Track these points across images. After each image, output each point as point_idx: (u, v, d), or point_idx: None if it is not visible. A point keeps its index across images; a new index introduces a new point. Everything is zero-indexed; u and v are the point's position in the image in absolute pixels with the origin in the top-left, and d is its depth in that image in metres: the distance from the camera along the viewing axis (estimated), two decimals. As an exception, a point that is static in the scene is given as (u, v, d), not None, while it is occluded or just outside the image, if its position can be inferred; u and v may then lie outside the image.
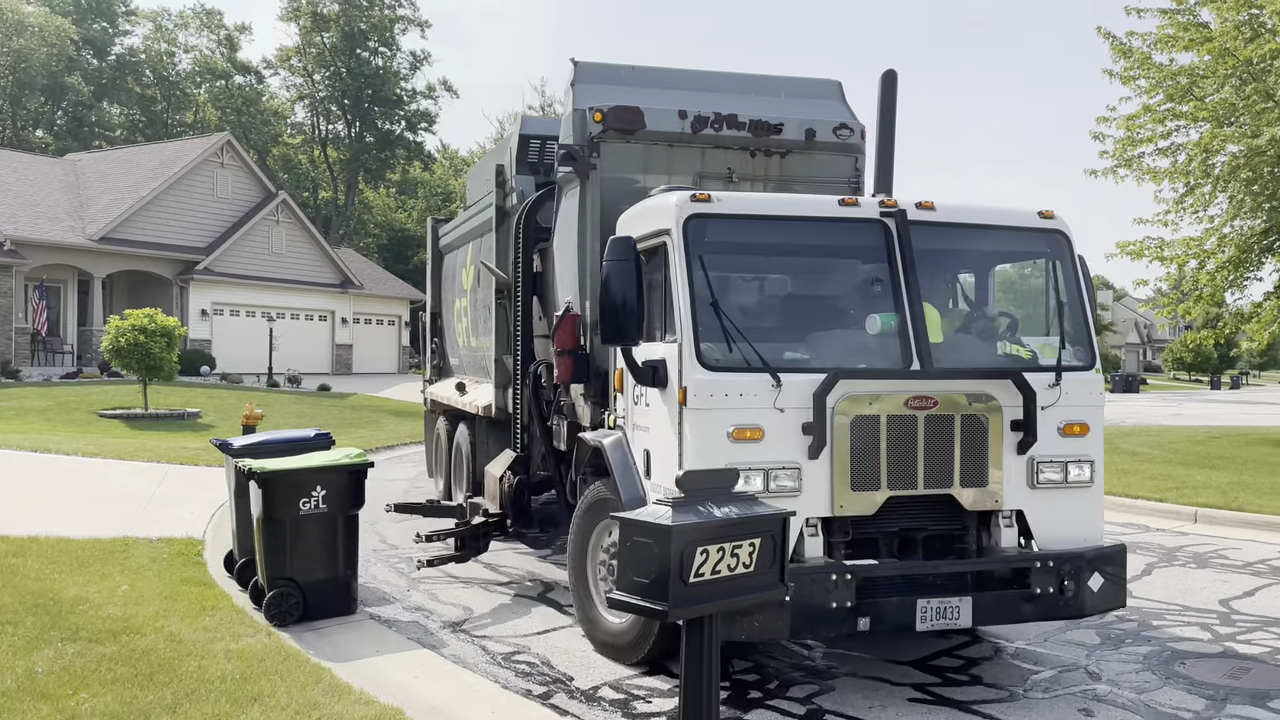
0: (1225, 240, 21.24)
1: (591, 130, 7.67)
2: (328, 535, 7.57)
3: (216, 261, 38.32)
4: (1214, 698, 6.09)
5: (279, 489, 7.37)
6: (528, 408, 9.09)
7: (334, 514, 7.58)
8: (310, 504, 7.44)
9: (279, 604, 7.28)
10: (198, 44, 70.26)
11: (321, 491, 7.50)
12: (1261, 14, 19.57)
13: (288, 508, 7.37)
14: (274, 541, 7.38)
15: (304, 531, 7.45)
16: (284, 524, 7.38)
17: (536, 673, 6.51)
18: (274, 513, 7.35)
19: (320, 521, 7.52)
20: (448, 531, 9.24)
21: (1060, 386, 6.22)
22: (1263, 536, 11.53)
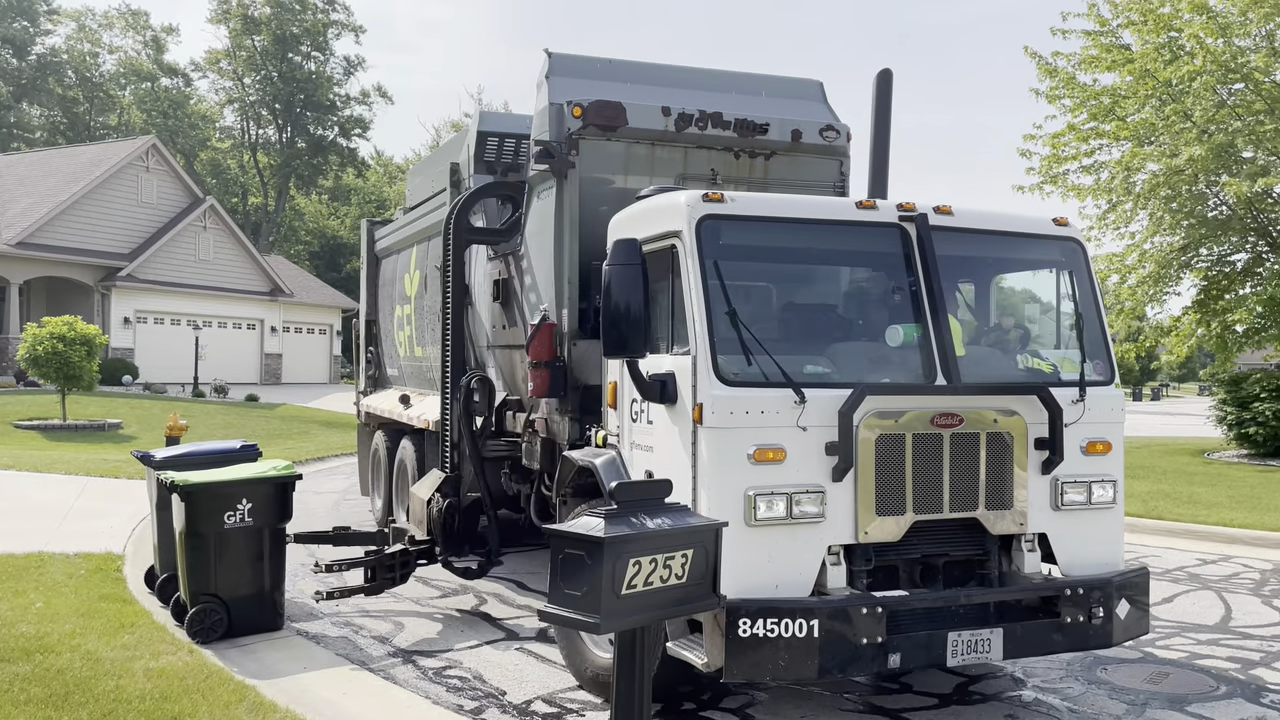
0: (1145, 256, 21.89)
1: (570, 126, 7.20)
2: (253, 550, 7.35)
3: (140, 268, 37.27)
4: (1134, 702, 6.21)
5: (202, 502, 7.14)
6: (458, 424, 8.46)
7: (260, 528, 7.35)
8: (235, 517, 7.22)
9: (202, 620, 7.05)
10: (123, 45, 68.51)
11: (247, 504, 7.27)
12: (1180, 37, 20.24)
13: (211, 521, 7.15)
14: (197, 556, 7.15)
15: (228, 546, 7.23)
16: (208, 538, 7.16)
17: (468, 688, 6.41)
18: (197, 526, 7.12)
19: (246, 535, 7.30)
20: (352, 561, 8.28)
21: (1084, 403, 5.90)
22: (1181, 544, 11.84)
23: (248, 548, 7.33)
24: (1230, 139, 19.04)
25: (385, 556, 8.17)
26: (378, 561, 8.11)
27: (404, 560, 8.28)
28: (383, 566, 8.10)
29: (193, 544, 7.16)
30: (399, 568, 8.22)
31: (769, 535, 5.25)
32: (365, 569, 8.13)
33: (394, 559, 8.21)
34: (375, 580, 8.06)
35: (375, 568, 8.07)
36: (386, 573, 8.13)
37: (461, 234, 8.49)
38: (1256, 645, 7.50)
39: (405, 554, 8.28)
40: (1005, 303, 6.85)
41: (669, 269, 5.75)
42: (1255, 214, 20.97)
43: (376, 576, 8.06)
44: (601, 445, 6.49)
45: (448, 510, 8.38)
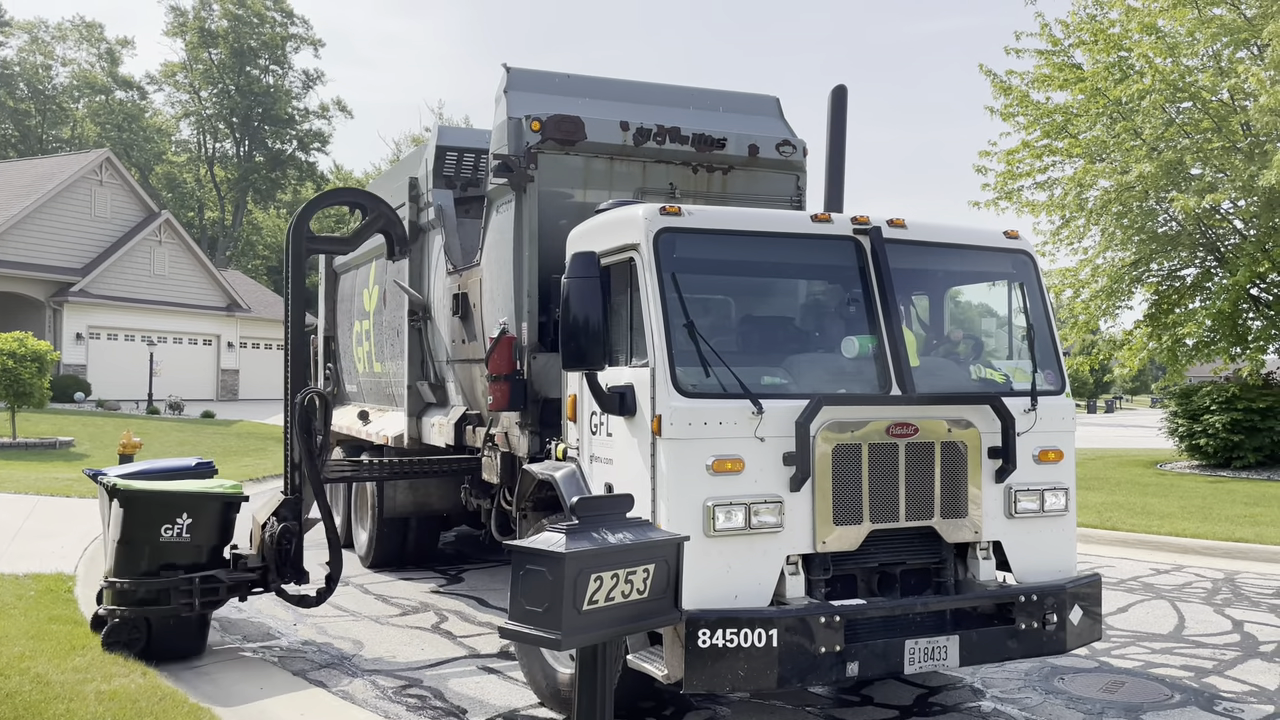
0: (1098, 271, 22.28)
1: (528, 140, 7.23)
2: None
3: (93, 283, 36.70)
4: (1091, 711, 6.28)
5: (141, 510, 6.92)
6: (296, 442, 7.87)
7: (198, 545, 7.13)
8: (173, 531, 7.01)
9: (117, 635, 6.82)
10: (76, 57, 67.63)
11: (187, 519, 7.04)
12: (1130, 57, 20.68)
13: (148, 531, 6.95)
14: (127, 565, 6.93)
15: (161, 560, 6.99)
16: (141, 548, 6.94)
17: (429, 706, 6.34)
18: (132, 534, 6.91)
19: (181, 551, 7.06)
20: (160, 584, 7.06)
21: (1036, 412, 6.01)
22: (1135, 554, 12.03)
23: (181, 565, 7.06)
24: (1179, 156, 19.46)
25: (184, 580, 7.10)
26: (172, 586, 7.05)
27: (236, 584, 7.43)
28: (179, 591, 7.10)
29: (124, 552, 6.94)
30: (212, 594, 7.25)
31: (728, 545, 5.27)
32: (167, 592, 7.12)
33: (211, 582, 7.22)
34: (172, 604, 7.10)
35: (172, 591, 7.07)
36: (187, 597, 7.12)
37: (302, 243, 8.40)
38: (1209, 654, 7.62)
39: (211, 580, 7.22)
40: (958, 314, 6.95)
41: (627, 282, 5.78)
42: (1204, 230, 21.42)
43: (172, 600, 7.07)
44: (561, 458, 6.48)
45: (282, 534, 7.67)
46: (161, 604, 7.00)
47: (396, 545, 10.51)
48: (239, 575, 7.45)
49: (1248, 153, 18.88)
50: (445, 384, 9.23)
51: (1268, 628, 8.40)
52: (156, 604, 6.97)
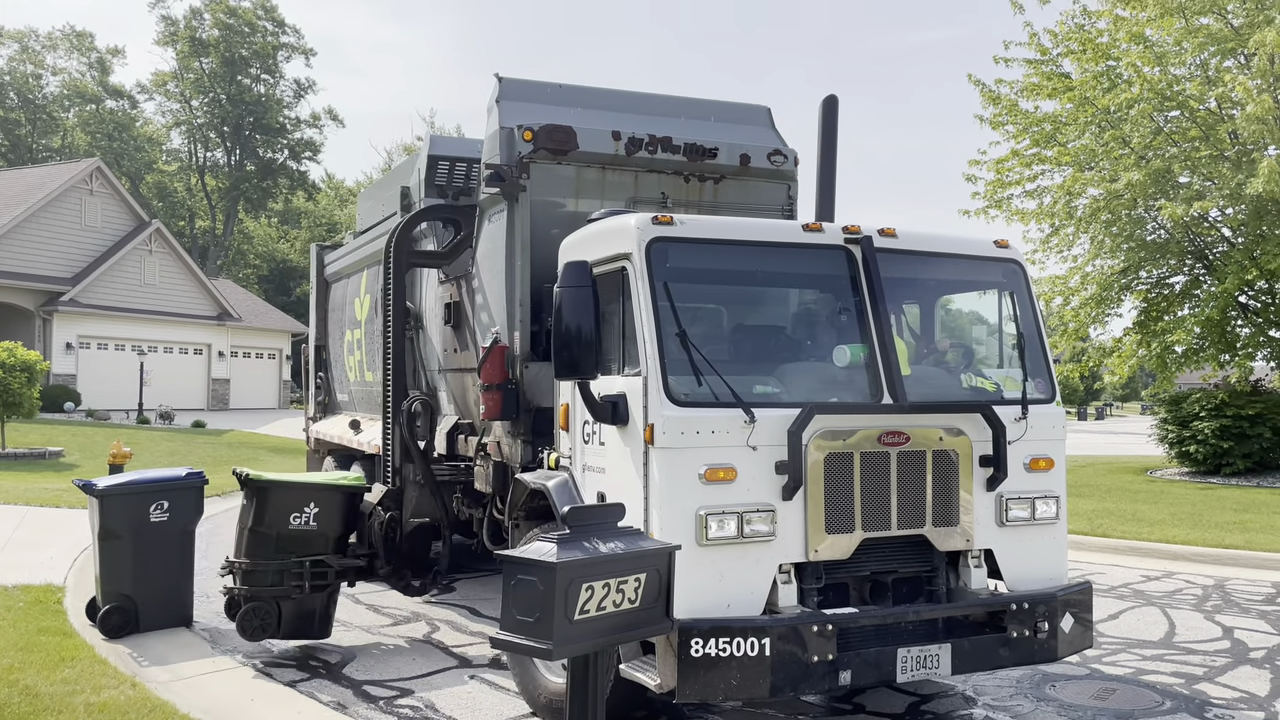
0: (1088, 278, 22.38)
1: (520, 150, 7.25)
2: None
3: (84, 292, 36.59)
4: (1083, 718, 6.30)
5: (272, 499, 7.55)
6: (400, 446, 8.39)
7: (324, 534, 7.72)
8: (301, 520, 7.63)
9: (250, 619, 7.42)
10: (67, 66, 67.51)
11: (314, 509, 7.66)
12: (1118, 66, 20.80)
13: (277, 519, 7.58)
14: (257, 552, 7.56)
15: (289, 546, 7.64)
16: (270, 536, 7.54)
17: (420, 717, 6.32)
18: (261, 522, 7.50)
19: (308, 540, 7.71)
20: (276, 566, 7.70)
21: (1026, 420, 6.04)
22: (1126, 561, 12.06)
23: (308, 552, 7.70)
24: (1167, 164, 19.57)
25: (295, 564, 7.64)
26: (286, 569, 7.61)
27: (323, 571, 7.79)
28: (291, 574, 7.63)
29: (253, 539, 7.54)
30: (321, 579, 7.77)
31: (720, 554, 5.27)
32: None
33: (321, 567, 7.74)
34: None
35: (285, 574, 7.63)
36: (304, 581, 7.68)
37: (403, 257, 8.51)
38: (1200, 660, 7.65)
39: (321, 565, 7.75)
40: (949, 323, 6.97)
41: (620, 291, 5.79)
42: (1192, 237, 21.54)
43: (284, 583, 7.60)
44: (554, 467, 6.48)
45: (389, 524, 8.28)
46: (275, 586, 7.56)
47: (389, 555, 10.45)
48: (347, 561, 7.95)
49: (1235, 161, 19.00)
50: (437, 393, 9.23)
51: (1258, 634, 8.43)
52: (273, 586, 7.58)
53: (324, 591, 7.79)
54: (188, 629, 8.14)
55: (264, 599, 7.50)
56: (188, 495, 8.08)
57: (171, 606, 8.08)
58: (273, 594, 7.54)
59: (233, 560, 7.65)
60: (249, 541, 7.53)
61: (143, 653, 7.41)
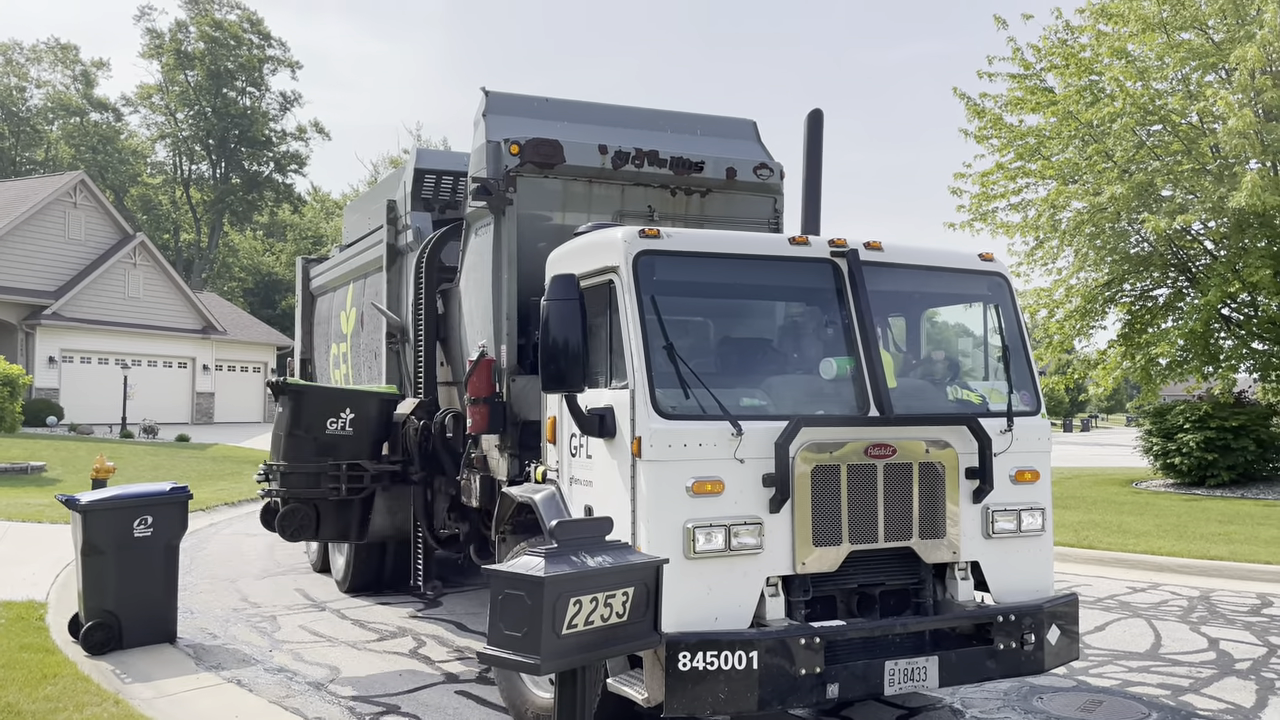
0: (1072, 291, 22.50)
1: (507, 163, 7.27)
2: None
3: (67, 306, 36.39)
4: (1068, 730, 6.32)
5: (309, 404, 7.92)
6: (443, 456, 8.43)
7: (359, 439, 8.04)
8: (337, 425, 7.97)
9: (289, 520, 7.81)
10: (51, 79, 67.31)
11: (350, 415, 7.99)
12: (1101, 80, 20.98)
13: (314, 423, 7.91)
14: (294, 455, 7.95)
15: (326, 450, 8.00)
16: (308, 440, 7.90)
17: (406, 733, 6.29)
18: (298, 427, 7.85)
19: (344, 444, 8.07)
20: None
21: (1012, 432, 6.06)
22: (1111, 573, 12.10)
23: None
24: (1150, 178, 19.73)
25: (332, 466, 8.16)
26: (323, 471, 8.14)
27: (359, 474, 8.25)
28: (328, 476, 8.15)
29: (291, 444, 7.89)
30: (357, 481, 8.24)
31: (708, 567, 5.27)
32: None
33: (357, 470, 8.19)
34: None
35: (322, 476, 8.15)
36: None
37: (434, 272, 8.60)
38: (1185, 671, 7.67)
39: (357, 468, 8.23)
40: (935, 335, 7.00)
41: (607, 304, 5.80)
42: (1175, 250, 21.70)
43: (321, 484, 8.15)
44: (541, 481, 6.47)
45: (422, 431, 8.38)
46: (312, 487, 7.88)
47: (374, 569, 10.43)
48: (381, 466, 8.23)
49: (1217, 175, 19.16)
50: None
51: (1243, 645, 8.46)
52: (310, 488, 7.91)
53: (360, 496, 8.08)
54: (171, 645, 8.07)
55: (302, 504, 7.73)
56: (172, 510, 8.03)
57: (155, 623, 8.02)
58: (310, 495, 7.79)
59: (270, 463, 7.95)
60: (286, 446, 7.87)
61: (126, 670, 7.35)
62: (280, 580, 11.31)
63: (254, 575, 11.59)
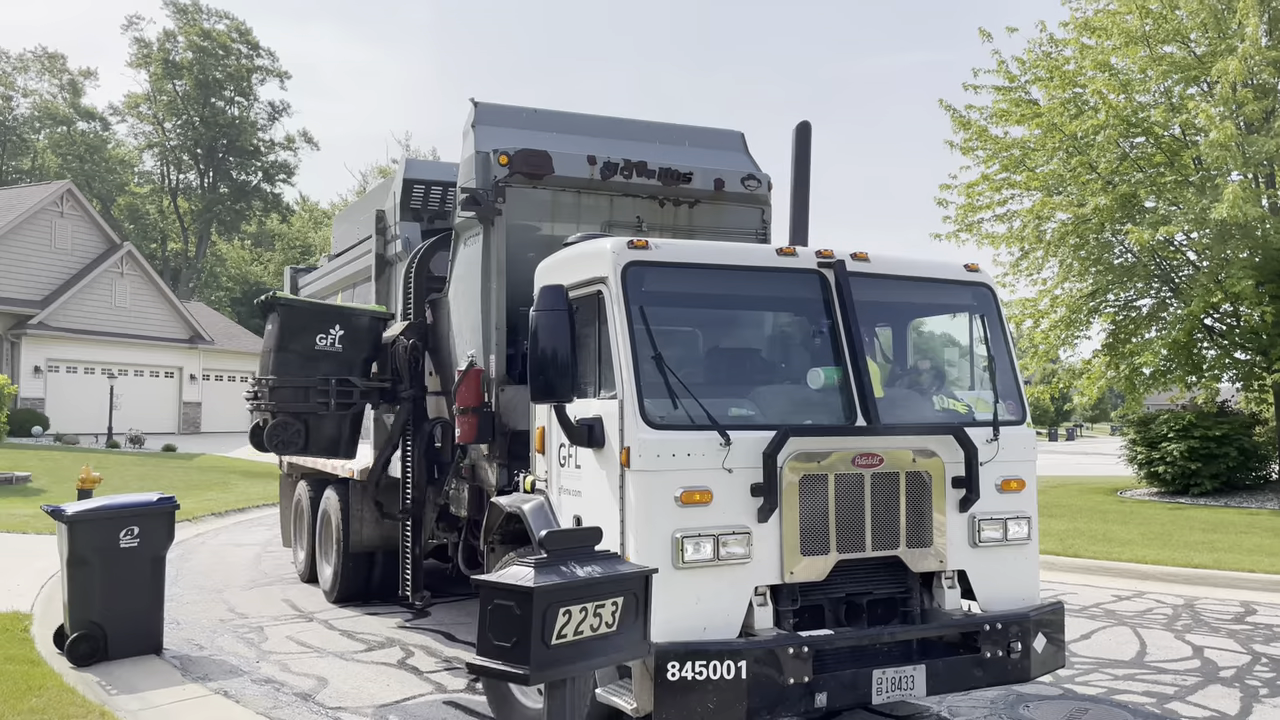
0: (1057, 301, 22.64)
1: (496, 174, 7.30)
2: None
3: (53, 315, 36.19)
4: (1055, 738, 6.35)
5: (297, 319, 7.97)
6: (420, 469, 8.51)
7: (349, 358, 8.09)
8: (326, 341, 8.02)
9: (277, 434, 7.83)
10: (38, 88, 67.03)
11: (339, 331, 8.00)
12: (1084, 93, 21.15)
13: (304, 339, 7.94)
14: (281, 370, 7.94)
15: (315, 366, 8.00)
16: (297, 355, 7.92)
17: (394, 744, 6.28)
18: (289, 342, 7.92)
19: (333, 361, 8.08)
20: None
21: (998, 442, 6.10)
22: (1097, 581, 12.16)
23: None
24: (1133, 189, 19.89)
25: (321, 381, 8.17)
26: (312, 385, 8.16)
27: (348, 390, 8.23)
28: (317, 391, 8.19)
29: (280, 359, 7.89)
30: (347, 397, 8.23)
31: (697, 577, 5.29)
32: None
33: (347, 385, 8.19)
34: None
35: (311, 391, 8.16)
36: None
37: (424, 281, 8.57)
38: (1171, 679, 7.72)
39: (347, 384, 8.24)
40: (921, 345, 7.06)
41: (595, 315, 5.82)
42: (1158, 261, 21.86)
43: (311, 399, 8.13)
44: (530, 491, 6.48)
45: (411, 351, 8.38)
46: (301, 402, 7.91)
47: (362, 580, 10.41)
48: (371, 382, 8.27)
49: (1199, 186, 19.33)
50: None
51: (1227, 653, 8.52)
52: (299, 402, 7.94)
53: (349, 412, 8.13)
54: (158, 656, 8.03)
55: (291, 418, 7.79)
56: (158, 521, 8.00)
57: (141, 634, 7.98)
58: (299, 410, 7.84)
59: (260, 378, 8.00)
60: (275, 361, 7.94)
61: (112, 681, 7.31)
62: (267, 590, 11.27)
63: (241, 586, 11.55)
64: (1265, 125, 19.28)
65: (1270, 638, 9.10)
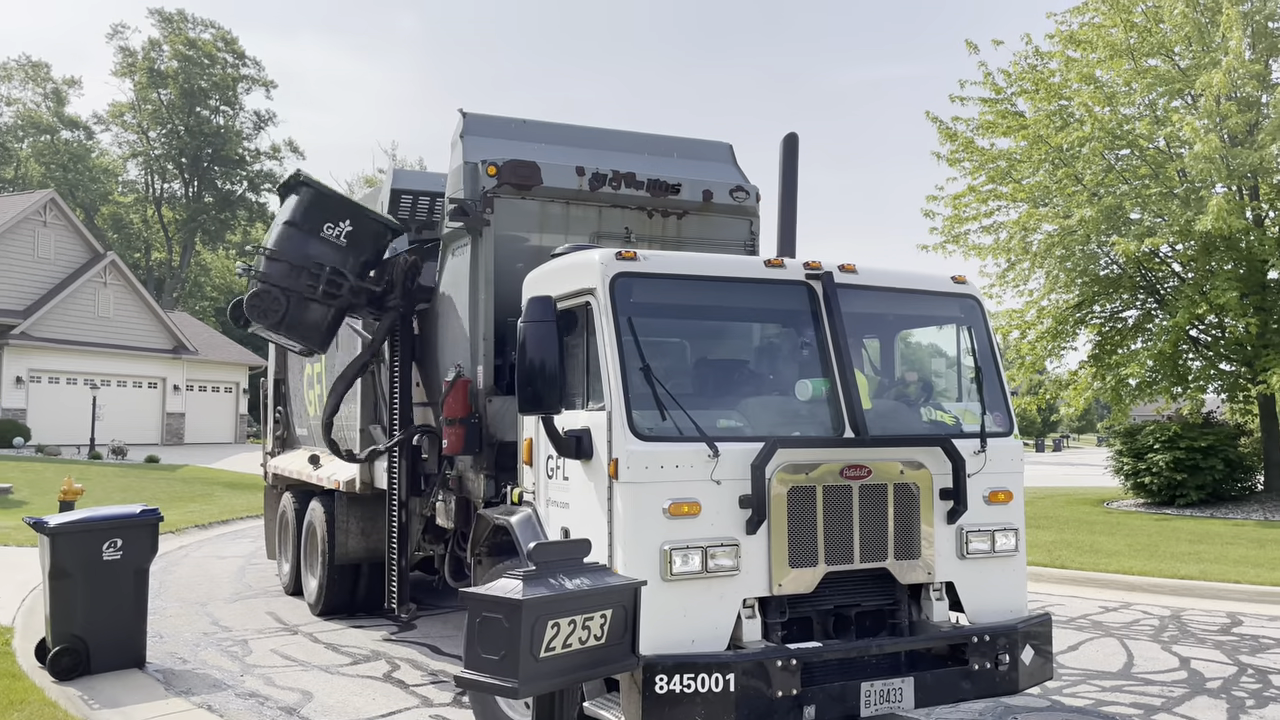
0: (1044, 312, 22.76)
1: (484, 184, 7.28)
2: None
3: (35, 325, 35.97)
4: (1043, 751, 6.33)
5: (313, 204, 8.10)
6: (406, 481, 8.45)
7: (351, 254, 8.19)
8: (333, 233, 8.14)
9: (257, 301, 7.95)
10: (21, 97, 66.73)
11: (348, 226, 8.15)
12: (1070, 105, 21.30)
13: (313, 226, 8.08)
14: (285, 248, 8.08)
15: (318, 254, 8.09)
16: (304, 237, 8.04)
17: (381, 758, 6.22)
18: (300, 221, 8.07)
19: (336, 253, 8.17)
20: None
21: (985, 453, 6.09)
22: (1084, 592, 12.18)
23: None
24: (1118, 201, 20.02)
25: (315, 265, 8.21)
26: (306, 268, 8.18)
27: (338, 282, 8.27)
28: (309, 274, 8.20)
29: (286, 232, 8.08)
30: (335, 288, 8.26)
31: (685, 589, 5.26)
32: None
33: (339, 277, 8.25)
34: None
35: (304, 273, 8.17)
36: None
37: (412, 292, 8.50)
38: (1158, 691, 7.72)
39: (340, 275, 8.26)
40: (909, 356, 7.05)
41: (583, 326, 5.81)
42: (1143, 273, 21.99)
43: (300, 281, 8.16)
44: (517, 503, 6.45)
45: (410, 268, 8.46)
46: (291, 278, 8.11)
47: (347, 592, 10.34)
48: (363, 284, 8.35)
49: (1184, 198, 19.47)
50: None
51: (1214, 664, 8.53)
52: (288, 278, 8.12)
53: (335, 304, 8.25)
54: (140, 670, 7.96)
55: (277, 289, 8.01)
56: (142, 533, 7.93)
57: (124, 647, 7.90)
58: (286, 285, 8.05)
59: (260, 245, 8.28)
60: (280, 234, 8.18)
61: (94, 695, 7.23)
62: (251, 603, 11.18)
63: (225, 598, 11.45)
64: (1249, 138, 19.44)
65: (1256, 649, 9.13)
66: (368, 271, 8.44)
